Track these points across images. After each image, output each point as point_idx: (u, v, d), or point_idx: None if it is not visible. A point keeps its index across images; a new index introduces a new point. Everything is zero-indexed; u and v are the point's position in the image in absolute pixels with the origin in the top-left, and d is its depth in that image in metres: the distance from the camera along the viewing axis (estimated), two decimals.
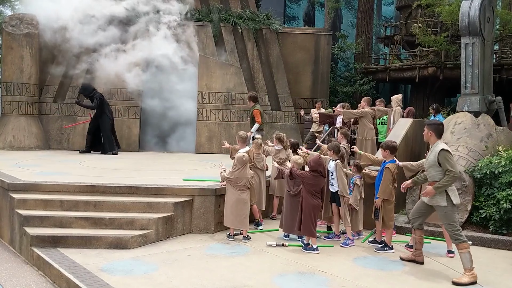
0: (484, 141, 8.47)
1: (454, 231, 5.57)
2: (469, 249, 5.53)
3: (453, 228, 5.59)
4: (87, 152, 12.69)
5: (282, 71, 15.42)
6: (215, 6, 15.46)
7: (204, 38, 14.97)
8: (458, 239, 5.54)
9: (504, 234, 7.24)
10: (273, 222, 8.11)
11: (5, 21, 13.87)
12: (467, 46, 9.39)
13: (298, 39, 16.17)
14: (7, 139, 13.26)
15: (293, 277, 5.51)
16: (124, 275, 5.45)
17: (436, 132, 5.78)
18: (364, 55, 22.89)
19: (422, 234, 6.10)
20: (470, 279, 5.44)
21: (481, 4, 9.22)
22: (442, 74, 19.06)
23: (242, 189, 6.98)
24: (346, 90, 20.25)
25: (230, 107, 14.14)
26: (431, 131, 5.80)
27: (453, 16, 16.42)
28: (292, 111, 15.29)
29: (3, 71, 13.72)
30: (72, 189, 7.38)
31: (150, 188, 7.48)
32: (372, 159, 7.27)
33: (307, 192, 6.54)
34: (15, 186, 7.35)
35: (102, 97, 12.78)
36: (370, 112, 10.12)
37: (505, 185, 7.37)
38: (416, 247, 6.14)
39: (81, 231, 6.59)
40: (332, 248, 6.75)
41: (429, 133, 5.83)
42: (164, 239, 6.93)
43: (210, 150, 13.83)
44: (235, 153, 7.68)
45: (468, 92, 9.46)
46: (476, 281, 5.46)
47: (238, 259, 6.15)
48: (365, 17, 23.69)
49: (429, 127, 5.84)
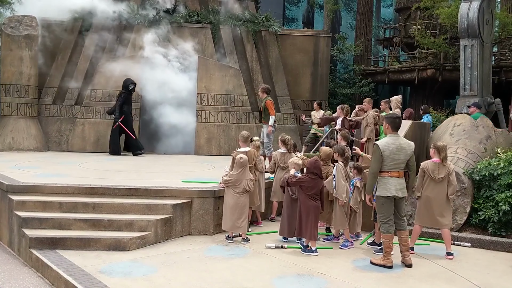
0: (483, 143, 8.48)
1: (379, 220, 6.13)
2: (385, 241, 6.01)
3: (379, 218, 6.14)
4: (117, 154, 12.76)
5: (281, 73, 15.43)
6: (214, 8, 15.48)
7: (203, 40, 14.98)
8: (381, 228, 6.08)
9: (503, 236, 7.24)
10: (272, 224, 8.10)
11: (5, 23, 13.86)
12: (466, 48, 9.42)
13: (297, 41, 16.17)
14: (6, 141, 13.24)
15: (292, 279, 5.51)
16: (123, 277, 5.44)
17: (392, 125, 6.08)
18: (363, 57, 22.93)
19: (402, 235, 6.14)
20: (382, 262, 6.03)
21: (480, 6, 9.24)
22: (441, 76, 19.11)
23: (240, 192, 6.96)
24: (346, 92, 20.27)
25: (229, 109, 14.14)
26: (387, 124, 6.14)
27: (452, 18, 16.46)
28: (291, 112, 15.29)
29: (2, 72, 13.70)
30: (71, 191, 7.37)
31: (149, 189, 7.47)
32: None
33: (306, 195, 6.53)
34: (14, 188, 7.34)
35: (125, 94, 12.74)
36: (374, 117, 10.36)
37: (504, 187, 7.37)
38: (401, 249, 6.21)
39: (80, 233, 6.58)
40: (331, 250, 6.75)
41: (385, 126, 6.20)
42: (163, 241, 6.92)
43: (209, 151, 13.82)
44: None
45: (467, 94, 9.49)
46: (387, 265, 5.96)
47: (237, 261, 6.15)
48: (364, 19, 23.75)
49: (386, 120, 6.21)
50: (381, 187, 6.02)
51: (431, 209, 6.52)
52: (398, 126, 6.17)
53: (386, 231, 6.02)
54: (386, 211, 6.05)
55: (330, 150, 7.32)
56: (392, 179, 5.99)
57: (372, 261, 6.13)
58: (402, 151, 6.02)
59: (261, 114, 10.55)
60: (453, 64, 18.39)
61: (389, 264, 5.98)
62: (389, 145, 5.98)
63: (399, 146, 6.01)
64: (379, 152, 5.97)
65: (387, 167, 6.00)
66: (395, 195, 5.98)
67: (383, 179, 6.02)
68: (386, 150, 5.96)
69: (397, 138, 6.07)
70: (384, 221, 6.04)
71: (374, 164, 6.04)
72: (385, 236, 6.03)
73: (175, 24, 14.78)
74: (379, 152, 5.97)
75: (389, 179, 6.00)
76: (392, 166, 5.98)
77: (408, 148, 6.10)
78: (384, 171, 6.02)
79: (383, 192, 6.00)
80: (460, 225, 7.54)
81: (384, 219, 6.04)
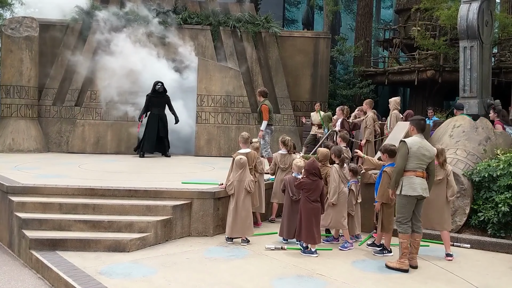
0: (483, 144, 8.49)
1: (397, 220, 6.03)
2: (402, 241, 5.92)
3: (397, 217, 6.02)
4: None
5: (281, 74, 15.44)
6: (214, 10, 15.51)
7: (204, 41, 15.01)
8: (397, 229, 6.01)
9: (502, 237, 7.24)
10: (272, 225, 8.11)
11: (5, 24, 13.89)
12: (465, 49, 9.42)
13: (297, 42, 16.20)
14: (6, 142, 13.26)
15: (292, 280, 5.51)
16: (122, 278, 5.45)
17: (417, 126, 6.08)
18: (363, 58, 22.95)
19: (417, 238, 6.10)
20: (398, 265, 5.92)
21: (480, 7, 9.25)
22: (440, 77, 19.12)
23: (244, 195, 6.97)
24: (346, 93, 20.29)
25: (229, 110, 14.15)
26: (412, 126, 6.11)
27: (451, 20, 16.48)
28: (291, 114, 15.31)
29: (3, 74, 13.73)
30: (71, 192, 7.38)
31: (149, 191, 7.48)
32: (375, 163, 7.26)
33: (306, 198, 6.54)
34: (14, 189, 7.35)
35: (149, 97, 12.80)
36: (374, 119, 10.38)
37: (503, 188, 7.37)
38: (411, 251, 6.16)
39: (80, 234, 6.58)
40: (331, 251, 6.75)
41: (411, 128, 6.16)
42: (163, 242, 6.93)
43: (209, 153, 13.83)
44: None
45: (467, 96, 9.49)
46: (404, 268, 5.86)
47: (237, 262, 6.15)
48: (364, 20, 23.76)
49: (411, 122, 6.19)
50: (406, 186, 5.90)
51: (430, 211, 6.52)
52: (423, 127, 6.13)
53: (405, 231, 5.94)
54: (408, 211, 5.97)
55: (327, 151, 7.34)
56: (417, 178, 5.92)
57: (387, 264, 6.02)
58: (426, 152, 5.97)
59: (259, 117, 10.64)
60: (453, 66, 18.40)
61: (405, 268, 5.88)
62: (416, 144, 5.92)
63: (424, 146, 5.97)
64: (406, 149, 5.88)
65: (412, 166, 5.91)
66: (421, 194, 5.93)
67: (409, 178, 5.92)
68: (413, 147, 5.88)
69: (423, 139, 6.03)
70: (403, 221, 5.96)
71: (400, 160, 5.95)
72: (403, 236, 5.94)
73: (175, 26, 14.81)
74: (405, 148, 5.89)
75: (415, 178, 5.91)
76: (417, 165, 5.91)
77: (431, 151, 6.06)
78: (409, 170, 5.92)
79: (409, 191, 5.89)
80: (459, 226, 7.55)
81: (403, 220, 5.96)
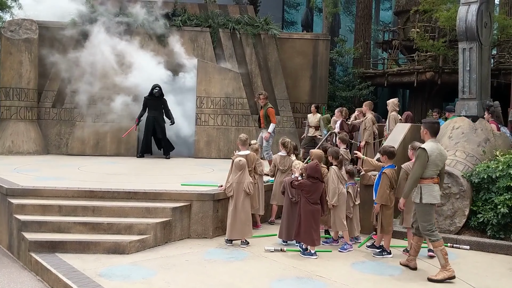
0: (482, 145, 8.49)
1: (424, 230, 5.77)
2: (440, 247, 5.69)
3: (423, 228, 5.78)
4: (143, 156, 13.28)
5: (281, 76, 15.45)
6: (213, 12, 15.52)
7: (203, 43, 15.02)
8: (430, 238, 5.78)
9: (501, 238, 7.25)
10: (272, 227, 8.11)
11: (4, 26, 13.90)
12: (464, 51, 9.42)
13: (297, 44, 16.21)
14: (6, 144, 13.25)
15: (291, 282, 5.51)
16: (122, 280, 5.45)
17: (430, 130, 5.92)
18: (362, 60, 22.97)
19: (418, 241, 6.09)
20: (446, 274, 5.64)
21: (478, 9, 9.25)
22: (440, 79, 19.13)
23: (243, 197, 6.97)
24: (345, 95, 20.30)
25: (228, 112, 14.15)
26: (426, 129, 5.94)
27: (450, 21, 16.50)
28: (290, 115, 15.32)
29: (2, 76, 13.73)
30: (71, 194, 7.38)
31: (148, 193, 7.48)
32: (375, 164, 7.26)
33: (306, 199, 6.55)
34: (13, 191, 7.35)
35: (146, 99, 13.13)
36: (373, 120, 10.40)
37: (502, 189, 7.38)
38: (411, 253, 6.15)
39: (80, 236, 6.59)
40: (330, 253, 6.75)
41: (424, 131, 5.98)
42: (162, 244, 6.93)
43: (208, 155, 13.83)
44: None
45: (466, 97, 9.48)
46: (452, 275, 5.64)
47: (236, 264, 6.15)
48: (363, 22, 23.80)
49: (424, 125, 6.03)
50: (427, 194, 5.74)
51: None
52: (437, 131, 5.96)
53: (438, 237, 5.72)
54: (433, 218, 5.82)
55: (321, 152, 7.39)
56: (436, 186, 5.80)
57: (432, 278, 5.68)
58: (442, 157, 5.86)
59: (260, 120, 10.67)
60: (452, 67, 18.42)
61: (454, 274, 5.66)
62: (435, 151, 5.76)
63: (441, 152, 5.84)
64: (426, 157, 5.70)
65: (430, 173, 5.77)
66: (439, 201, 5.89)
67: (429, 186, 5.76)
68: (432, 155, 5.72)
69: (438, 144, 5.91)
70: (432, 229, 5.76)
71: (419, 169, 5.74)
72: (439, 243, 5.69)
73: (174, 28, 14.83)
74: (425, 156, 5.70)
75: (434, 186, 5.78)
76: (434, 172, 5.79)
77: (445, 155, 5.98)
78: (427, 177, 5.77)
79: (432, 200, 5.74)
80: (459, 228, 7.55)
81: (432, 227, 5.76)
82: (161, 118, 13.26)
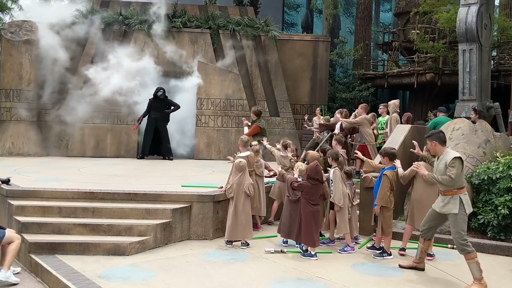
0: (482, 147, 8.49)
1: (460, 240, 5.49)
2: (476, 259, 5.43)
3: (460, 238, 5.50)
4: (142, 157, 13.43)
5: (281, 78, 15.45)
6: (213, 13, 15.53)
7: (203, 44, 15.03)
8: (464, 250, 5.48)
9: (502, 240, 7.25)
10: (271, 228, 8.09)
11: (4, 28, 13.90)
12: (464, 52, 9.45)
13: (297, 46, 16.21)
14: (6, 146, 13.24)
15: (291, 283, 5.51)
16: (122, 281, 5.44)
17: (438, 140, 5.72)
18: (362, 61, 22.99)
19: (429, 245, 6.09)
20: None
21: (478, 11, 9.28)
22: (440, 80, 19.13)
23: (243, 198, 6.97)
24: (345, 96, 20.31)
25: (228, 113, 14.15)
26: (434, 141, 5.74)
27: (451, 23, 16.52)
28: (290, 117, 15.31)
29: (2, 77, 13.72)
30: (71, 196, 7.38)
31: (148, 194, 7.48)
32: (374, 165, 7.26)
33: (306, 200, 6.55)
34: (13, 193, 7.34)
35: (150, 101, 13.21)
36: (368, 119, 10.28)
37: (503, 191, 7.38)
38: (421, 256, 6.12)
39: (80, 238, 6.58)
40: (330, 254, 6.75)
41: (433, 144, 5.76)
42: (162, 246, 6.92)
43: (209, 156, 13.83)
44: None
45: (466, 98, 9.51)
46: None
47: (236, 265, 6.15)
48: (363, 24, 23.81)
49: (430, 138, 5.78)
50: (466, 204, 5.60)
51: (422, 211, 6.47)
52: (445, 139, 5.79)
53: (473, 249, 5.47)
54: (465, 229, 5.61)
55: (317, 154, 7.42)
56: (467, 195, 5.70)
57: None
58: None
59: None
60: (452, 68, 18.42)
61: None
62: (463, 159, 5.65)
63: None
64: (461, 166, 5.53)
65: (463, 181, 5.67)
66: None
67: (465, 196, 5.62)
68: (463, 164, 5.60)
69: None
70: (467, 240, 5.53)
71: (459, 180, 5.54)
72: (474, 254, 5.45)
73: (174, 29, 14.84)
74: (461, 165, 5.54)
75: (466, 195, 5.66)
76: (464, 180, 5.71)
77: None
78: (463, 187, 5.64)
79: (468, 209, 5.62)
80: None
81: (466, 237, 5.54)
82: (163, 120, 13.32)
